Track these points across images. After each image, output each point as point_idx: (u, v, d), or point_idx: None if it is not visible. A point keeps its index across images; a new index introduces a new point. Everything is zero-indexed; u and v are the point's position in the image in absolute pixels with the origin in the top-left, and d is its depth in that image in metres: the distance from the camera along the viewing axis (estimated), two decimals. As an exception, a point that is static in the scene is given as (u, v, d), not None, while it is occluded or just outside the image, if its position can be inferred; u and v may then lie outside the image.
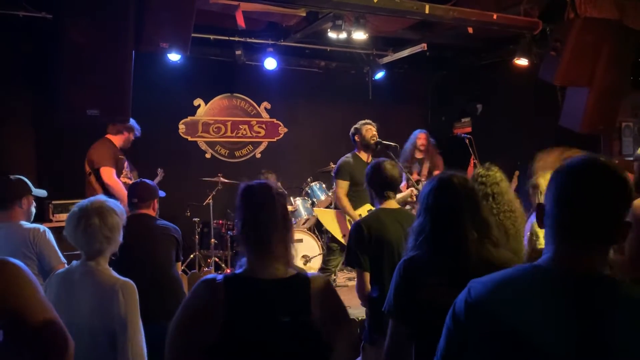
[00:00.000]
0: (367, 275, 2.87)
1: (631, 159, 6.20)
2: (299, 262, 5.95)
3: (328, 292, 1.80)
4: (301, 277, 1.77)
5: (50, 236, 3.05)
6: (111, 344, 2.14)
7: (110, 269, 2.29)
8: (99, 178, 4.76)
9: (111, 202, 2.37)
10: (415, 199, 4.39)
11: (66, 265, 2.94)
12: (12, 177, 3.20)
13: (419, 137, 6.38)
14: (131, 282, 2.22)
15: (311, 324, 1.71)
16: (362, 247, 2.86)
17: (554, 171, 1.28)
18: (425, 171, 6.32)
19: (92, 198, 2.35)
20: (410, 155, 6.34)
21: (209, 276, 1.76)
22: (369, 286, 2.86)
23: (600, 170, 1.23)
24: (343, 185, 4.74)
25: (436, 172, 5.95)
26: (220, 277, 1.73)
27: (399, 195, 4.82)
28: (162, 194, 3.74)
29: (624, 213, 1.23)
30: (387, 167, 2.98)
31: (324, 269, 4.93)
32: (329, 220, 4.84)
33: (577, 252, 1.22)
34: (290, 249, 1.80)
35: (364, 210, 4.65)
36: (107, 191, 4.59)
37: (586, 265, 1.21)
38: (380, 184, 3.01)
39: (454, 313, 1.29)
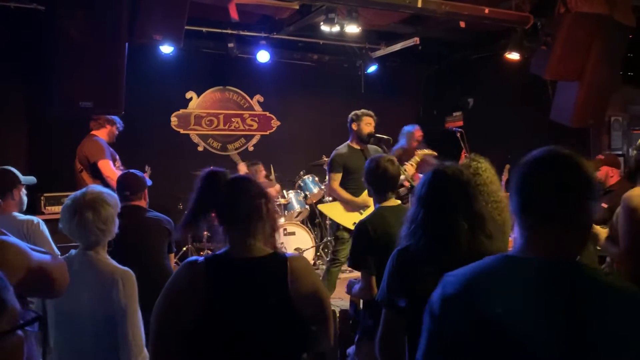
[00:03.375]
0: (373, 279, 2.76)
1: (619, 152, 6.33)
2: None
3: (306, 272, 1.84)
4: (279, 256, 1.82)
5: (44, 228, 3.05)
6: (112, 332, 2.15)
7: (109, 257, 2.30)
8: (96, 173, 4.75)
9: (105, 192, 2.35)
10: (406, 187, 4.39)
11: (60, 257, 2.95)
12: None
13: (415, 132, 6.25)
14: (130, 271, 2.23)
15: (288, 302, 1.75)
16: (368, 249, 2.77)
17: (518, 164, 1.30)
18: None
19: (85, 189, 2.33)
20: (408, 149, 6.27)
21: (191, 258, 1.81)
22: (375, 289, 2.70)
23: (557, 159, 1.25)
24: (335, 177, 4.78)
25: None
26: (201, 258, 1.79)
27: None
28: (149, 182, 3.75)
29: (588, 198, 1.23)
30: (389, 166, 2.91)
31: (333, 259, 4.88)
32: (338, 213, 4.83)
33: (544, 238, 1.22)
34: (268, 229, 1.84)
35: (366, 195, 4.63)
36: (105, 184, 4.58)
37: (554, 252, 1.21)
38: (380, 184, 2.96)
39: (430, 310, 1.28)
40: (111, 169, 4.75)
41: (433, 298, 1.29)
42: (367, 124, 4.84)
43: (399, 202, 3.06)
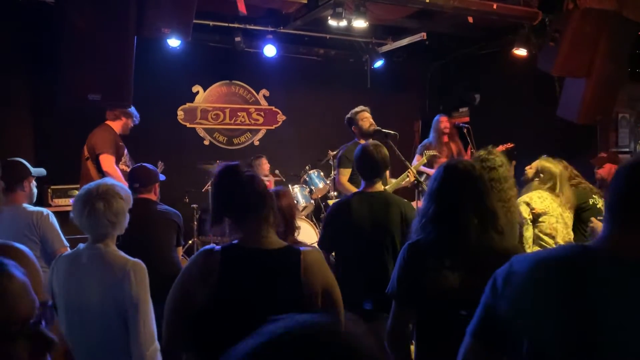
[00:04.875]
0: (325, 254, 3.01)
1: (626, 150, 6.31)
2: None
3: (319, 266, 1.88)
4: (293, 249, 1.86)
5: (53, 219, 3.07)
6: (123, 325, 2.14)
7: (118, 250, 2.28)
8: (97, 164, 4.76)
9: (118, 185, 2.35)
10: (412, 181, 4.40)
11: (69, 249, 2.96)
12: (10, 160, 3.20)
13: (441, 120, 6.36)
14: (141, 262, 2.21)
15: (300, 294, 1.79)
16: (326, 228, 3.07)
17: (624, 164, 1.29)
18: (454, 153, 6.32)
19: (99, 181, 2.34)
20: (436, 141, 6.31)
21: (207, 247, 1.87)
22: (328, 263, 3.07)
23: None
24: (344, 173, 4.78)
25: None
26: (217, 247, 1.85)
27: (393, 180, 4.86)
28: (162, 177, 3.76)
29: None
30: (372, 151, 2.98)
31: None
32: None
33: (627, 234, 1.21)
34: (277, 222, 1.90)
35: None
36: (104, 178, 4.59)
37: (634, 249, 1.19)
38: (365, 169, 3.04)
39: (494, 282, 1.30)
40: (111, 165, 4.72)
41: (498, 271, 1.31)
42: (364, 119, 4.82)
43: (382, 189, 3.10)
